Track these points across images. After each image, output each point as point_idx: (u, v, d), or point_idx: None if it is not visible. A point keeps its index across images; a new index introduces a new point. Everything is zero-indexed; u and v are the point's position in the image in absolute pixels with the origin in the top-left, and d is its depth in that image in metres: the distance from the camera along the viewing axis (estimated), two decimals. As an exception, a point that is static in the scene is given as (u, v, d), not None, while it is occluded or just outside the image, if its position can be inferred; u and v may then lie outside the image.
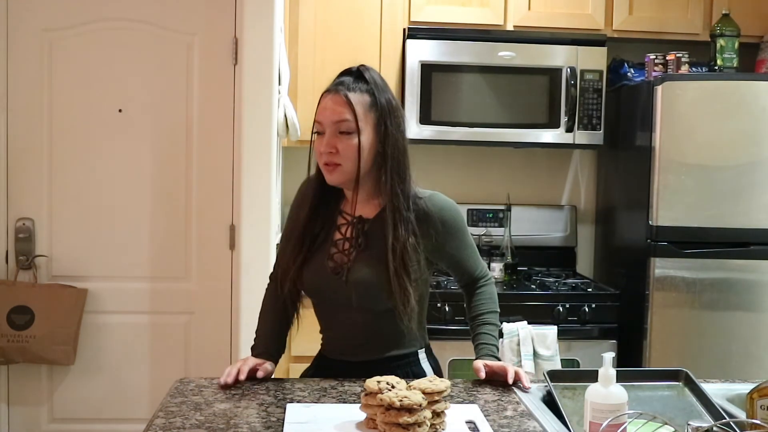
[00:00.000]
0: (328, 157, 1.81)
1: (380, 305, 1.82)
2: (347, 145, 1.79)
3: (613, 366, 1.46)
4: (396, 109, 1.85)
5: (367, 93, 1.82)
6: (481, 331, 1.96)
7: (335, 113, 1.80)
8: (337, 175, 1.82)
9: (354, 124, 1.79)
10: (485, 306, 1.99)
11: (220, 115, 3.03)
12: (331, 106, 1.81)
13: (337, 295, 1.84)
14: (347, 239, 1.86)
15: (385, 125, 1.82)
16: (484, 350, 1.92)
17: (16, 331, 2.93)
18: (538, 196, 3.73)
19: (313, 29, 3.27)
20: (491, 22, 3.35)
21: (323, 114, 1.82)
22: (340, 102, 1.80)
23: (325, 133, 1.82)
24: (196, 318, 3.07)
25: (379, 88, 1.84)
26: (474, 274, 1.99)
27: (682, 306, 3.07)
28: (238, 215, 2.99)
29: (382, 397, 1.45)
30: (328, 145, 1.80)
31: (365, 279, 1.81)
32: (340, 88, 1.82)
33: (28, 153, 3.00)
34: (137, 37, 3.01)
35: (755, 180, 3.04)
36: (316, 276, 1.86)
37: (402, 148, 1.84)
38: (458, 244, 1.93)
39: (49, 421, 3.06)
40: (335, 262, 1.85)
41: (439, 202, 1.90)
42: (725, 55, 3.22)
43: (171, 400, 1.68)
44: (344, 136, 1.80)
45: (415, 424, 1.43)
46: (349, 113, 1.79)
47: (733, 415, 1.62)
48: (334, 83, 1.85)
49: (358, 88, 1.82)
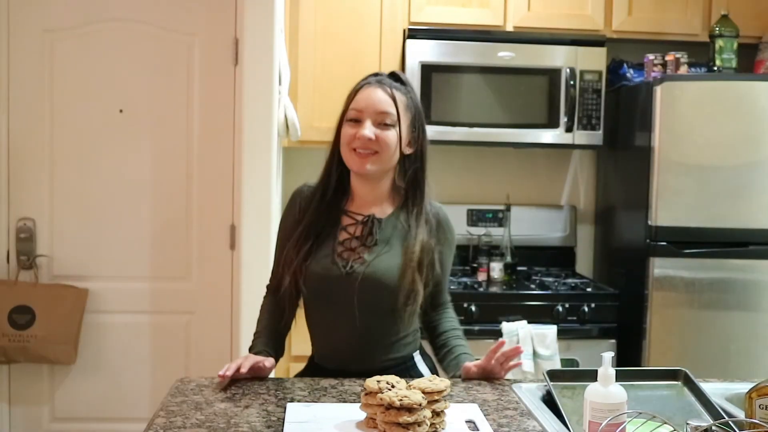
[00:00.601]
0: (367, 143, 1.82)
1: (384, 306, 1.82)
2: (386, 135, 1.83)
3: (612, 365, 1.46)
4: (423, 114, 1.92)
5: (407, 94, 1.89)
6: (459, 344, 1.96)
7: (381, 103, 1.83)
8: (371, 162, 1.83)
9: (396, 118, 1.84)
10: (456, 324, 2.02)
11: (221, 116, 3.03)
12: (377, 97, 1.84)
13: (341, 295, 1.83)
14: (356, 238, 1.87)
15: (417, 127, 1.89)
16: (468, 359, 1.91)
17: (17, 330, 2.93)
18: (538, 196, 3.73)
19: (313, 29, 3.27)
20: (491, 23, 3.36)
21: (366, 102, 1.84)
22: (386, 94, 1.84)
23: (362, 121, 1.83)
24: (197, 318, 3.08)
25: (414, 91, 1.92)
26: (445, 295, 2.03)
27: (681, 306, 3.07)
28: (238, 215, 2.99)
29: (382, 397, 1.45)
30: (371, 131, 1.82)
31: (376, 277, 1.81)
32: (384, 82, 1.87)
33: (30, 153, 3.00)
34: (138, 37, 3.01)
35: (754, 180, 3.05)
36: (322, 274, 1.85)
37: (426, 149, 1.91)
38: (449, 263, 1.98)
39: (50, 421, 3.06)
40: (344, 259, 1.85)
41: (446, 216, 1.96)
42: (724, 56, 3.22)
43: (171, 400, 1.68)
44: (384, 127, 1.83)
45: (415, 423, 1.43)
46: (393, 107, 1.84)
47: (732, 414, 1.62)
48: (374, 78, 1.88)
49: (398, 87, 1.88)
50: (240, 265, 2.94)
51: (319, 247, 1.87)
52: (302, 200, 1.95)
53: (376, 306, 1.83)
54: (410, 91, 1.90)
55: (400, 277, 1.81)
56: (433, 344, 2.02)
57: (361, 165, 1.84)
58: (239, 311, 2.96)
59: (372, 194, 1.89)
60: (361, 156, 1.83)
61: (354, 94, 1.87)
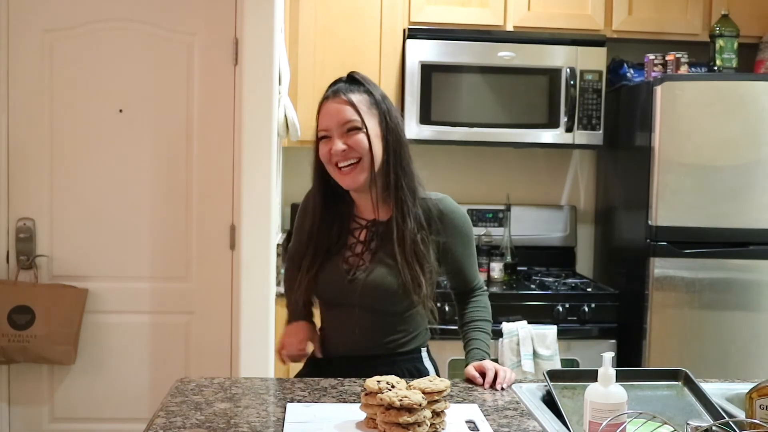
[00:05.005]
0: (342, 156, 1.82)
1: (391, 307, 1.84)
2: (357, 140, 1.83)
3: (612, 366, 1.46)
4: (391, 103, 1.91)
5: (364, 93, 1.87)
6: (474, 337, 1.96)
7: (340, 114, 1.83)
8: (355, 174, 1.84)
9: (360, 121, 1.83)
10: (480, 314, 2.01)
11: (221, 116, 3.03)
12: (335, 109, 1.84)
13: (349, 299, 1.85)
14: (361, 242, 1.88)
15: (386, 119, 1.87)
16: (477, 355, 1.92)
17: (17, 330, 2.93)
18: (538, 196, 3.73)
19: (313, 29, 3.27)
20: (491, 23, 3.36)
21: (328, 119, 1.85)
22: (342, 103, 1.84)
23: (332, 137, 1.84)
24: (196, 318, 3.07)
25: (372, 86, 1.90)
26: (472, 284, 2.02)
27: (682, 306, 3.07)
28: (238, 215, 2.99)
29: (382, 397, 1.45)
30: (340, 144, 1.82)
31: (378, 279, 1.82)
32: (338, 92, 1.86)
33: (29, 153, 3.00)
34: (137, 37, 3.01)
35: (755, 180, 3.04)
36: (331, 279, 1.88)
37: (403, 142, 1.89)
38: (464, 250, 1.95)
39: (49, 421, 3.06)
40: (349, 264, 1.87)
41: (450, 205, 1.94)
42: (724, 56, 3.22)
43: (171, 400, 1.68)
44: (352, 133, 1.83)
45: (415, 423, 1.44)
46: (353, 112, 1.83)
47: (733, 414, 1.62)
48: (330, 90, 1.88)
49: (355, 90, 1.87)
50: (240, 266, 2.94)
51: (330, 255, 1.90)
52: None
53: (383, 307, 1.85)
54: (369, 88, 1.88)
55: (399, 276, 1.81)
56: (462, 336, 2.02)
57: (351, 181, 1.85)
58: (239, 311, 2.95)
59: (369, 200, 1.90)
60: (346, 172, 1.84)
61: (318, 111, 1.88)
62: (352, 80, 1.90)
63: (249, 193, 2.92)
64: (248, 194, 2.92)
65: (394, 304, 1.84)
